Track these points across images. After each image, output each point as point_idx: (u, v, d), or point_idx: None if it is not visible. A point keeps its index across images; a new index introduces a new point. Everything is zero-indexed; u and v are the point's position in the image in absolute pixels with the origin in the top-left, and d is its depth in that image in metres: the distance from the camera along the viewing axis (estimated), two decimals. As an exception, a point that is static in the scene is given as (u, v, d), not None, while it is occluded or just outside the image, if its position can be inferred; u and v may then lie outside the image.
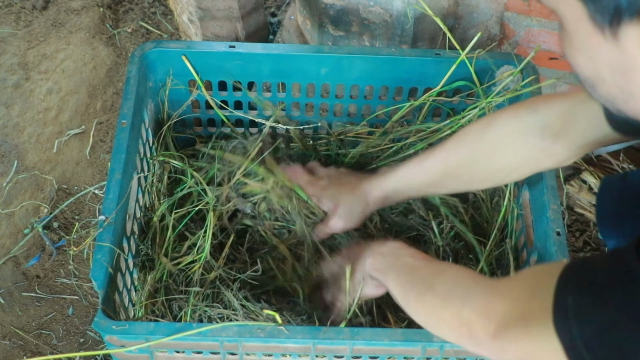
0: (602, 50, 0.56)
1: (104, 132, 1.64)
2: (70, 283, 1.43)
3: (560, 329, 0.64)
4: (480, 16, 1.44)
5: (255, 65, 1.22)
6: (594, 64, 0.59)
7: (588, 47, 0.57)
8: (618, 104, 0.61)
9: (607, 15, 0.53)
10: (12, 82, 1.69)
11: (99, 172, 1.58)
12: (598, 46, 0.56)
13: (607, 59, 0.56)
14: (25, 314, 1.39)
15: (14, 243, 1.46)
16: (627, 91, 0.58)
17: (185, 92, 1.26)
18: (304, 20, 1.55)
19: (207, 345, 0.93)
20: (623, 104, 0.60)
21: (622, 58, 0.55)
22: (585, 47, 0.57)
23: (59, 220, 1.50)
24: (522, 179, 1.06)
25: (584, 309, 0.62)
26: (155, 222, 1.16)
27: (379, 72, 1.23)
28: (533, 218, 1.08)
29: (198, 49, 1.21)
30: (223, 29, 1.63)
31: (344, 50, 1.22)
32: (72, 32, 1.79)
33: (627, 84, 0.57)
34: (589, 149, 0.95)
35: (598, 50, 0.56)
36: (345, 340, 0.91)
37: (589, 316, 0.61)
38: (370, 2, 1.37)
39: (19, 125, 1.62)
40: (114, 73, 1.75)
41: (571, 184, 1.50)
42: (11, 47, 1.76)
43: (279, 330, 0.90)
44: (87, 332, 1.38)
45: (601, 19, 0.53)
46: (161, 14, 1.86)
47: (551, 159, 0.97)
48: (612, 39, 0.54)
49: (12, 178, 1.54)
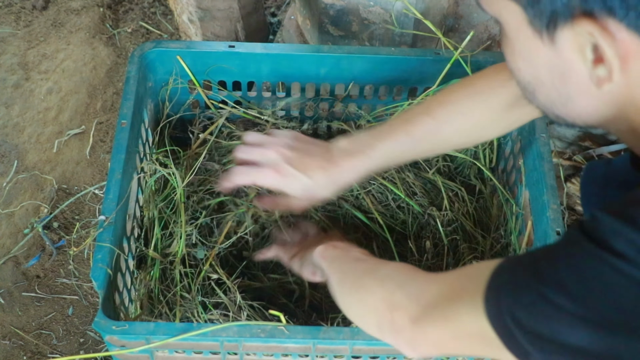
0: (540, 54, 0.58)
1: (104, 132, 1.64)
2: (70, 283, 1.43)
3: (489, 303, 0.62)
4: (480, 16, 1.44)
5: (255, 65, 1.22)
6: (533, 68, 0.61)
7: (528, 52, 0.59)
8: (557, 108, 0.63)
9: (544, 20, 0.55)
10: (12, 82, 1.70)
11: (99, 172, 1.58)
12: (537, 50, 0.58)
13: (546, 63, 0.59)
14: (25, 314, 1.39)
15: (14, 243, 1.46)
16: (564, 94, 0.61)
17: (185, 92, 1.26)
18: (304, 20, 1.55)
19: (207, 345, 0.93)
20: (562, 108, 0.62)
21: (559, 61, 0.57)
22: (525, 52, 0.60)
23: (59, 220, 1.50)
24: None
25: (516, 283, 0.61)
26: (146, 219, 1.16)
27: (378, 72, 1.23)
28: (533, 218, 1.08)
29: (197, 49, 1.21)
30: (223, 29, 1.63)
31: (343, 50, 1.22)
32: (72, 32, 1.79)
33: (565, 86, 0.59)
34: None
35: (537, 54, 0.58)
36: (346, 340, 0.91)
37: (519, 290, 0.60)
38: (370, 2, 1.37)
39: (19, 125, 1.63)
40: (114, 73, 1.75)
41: (572, 182, 1.50)
42: (11, 47, 1.76)
43: (279, 330, 0.90)
44: (87, 332, 1.38)
45: (539, 23, 0.56)
46: (161, 14, 1.86)
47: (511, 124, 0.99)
48: (549, 43, 0.56)
49: (12, 178, 1.54)
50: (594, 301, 0.55)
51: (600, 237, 0.55)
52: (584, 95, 0.59)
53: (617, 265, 0.54)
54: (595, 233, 0.56)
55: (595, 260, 0.55)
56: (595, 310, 0.55)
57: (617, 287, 0.54)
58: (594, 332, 0.55)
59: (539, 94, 0.63)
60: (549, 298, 0.57)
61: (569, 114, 0.62)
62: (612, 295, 0.54)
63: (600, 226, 0.56)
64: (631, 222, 0.54)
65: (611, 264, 0.54)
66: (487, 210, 1.24)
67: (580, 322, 0.55)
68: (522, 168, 1.15)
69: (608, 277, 0.54)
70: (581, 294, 0.55)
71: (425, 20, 1.26)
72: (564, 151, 1.57)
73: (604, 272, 0.55)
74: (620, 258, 0.54)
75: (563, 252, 0.59)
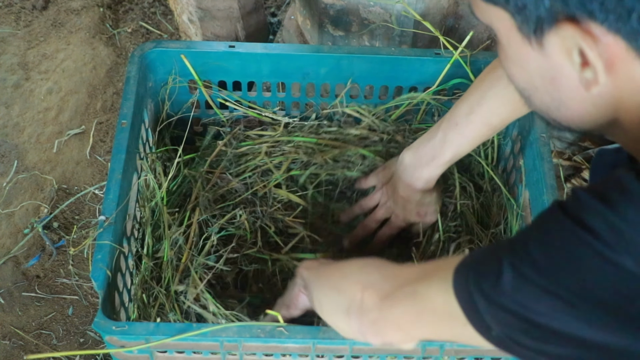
0: (531, 59, 0.59)
1: (104, 132, 1.64)
2: (70, 283, 1.43)
3: (457, 276, 0.63)
4: (480, 16, 1.44)
5: (255, 65, 1.22)
6: (526, 74, 0.62)
7: (519, 58, 0.60)
8: (552, 112, 0.63)
9: (531, 25, 0.56)
10: (12, 82, 1.69)
11: (99, 172, 1.58)
12: (528, 56, 0.58)
13: (537, 68, 0.59)
14: (25, 314, 1.39)
15: (14, 243, 1.46)
16: (557, 98, 0.61)
17: (186, 91, 1.26)
18: (304, 20, 1.55)
19: (207, 346, 0.93)
20: (556, 112, 0.63)
21: (549, 65, 0.58)
22: (517, 58, 0.61)
23: (59, 220, 1.50)
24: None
25: (487, 257, 0.62)
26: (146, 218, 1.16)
27: (378, 72, 1.23)
28: (533, 217, 1.08)
29: (198, 49, 1.21)
30: (223, 29, 1.63)
31: (343, 50, 1.22)
32: (72, 32, 1.79)
33: (556, 91, 0.60)
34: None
35: (528, 59, 0.59)
36: (345, 340, 0.91)
37: (489, 262, 0.60)
38: (370, 2, 1.37)
39: (19, 125, 1.63)
40: (114, 73, 1.75)
41: (572, 183, 1.50)
42: (11, 47, 1.76)
43: (279, 330, 0.90)
44: (87, 332, 1.38)
45: (527, 29, 0.56)
46: (161, 14, 1.86)
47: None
48: (538, 48, 0.57)
49: (12, 178, 1.54)
50: (561, 274, 0.55)
51: (576, 214, 0.56)
52: (575, 99, 0.60)
53: (588, 241, 0.54)
54: (572, 209, 0.56)
55: (567, 235, 0.56)
56: (561, 283, 0.55)
57: (586, 263, 0.54)
58: (558, 305, 0.55)
59: (534, 99, 0.64)
60: (516, 268, 0.57)
61: (563, 118, 0.63)
62: (580, 270, 0.55)
63: (578, 203, 0.56)
64: (607, 201, 0.55)
65: (583, 239, 0.55)
66: (489, 208, 1.24)
67: (545, 294, 0.55)
68: (522, 168, 1.15)
69: (578, 252, 0.55)
70: (549, 266, 0.56)
71: (425, 21, 1.26)
72: (564, 151, 1.57)
73: (575, 247, 0.55)
74: (592, 234, 0.54)
75: (538, 227, 0.59)
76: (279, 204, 1.23)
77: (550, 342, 0.57)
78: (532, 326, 0.57)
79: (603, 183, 0.57)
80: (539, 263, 0.56)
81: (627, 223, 0.53)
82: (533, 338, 0.58)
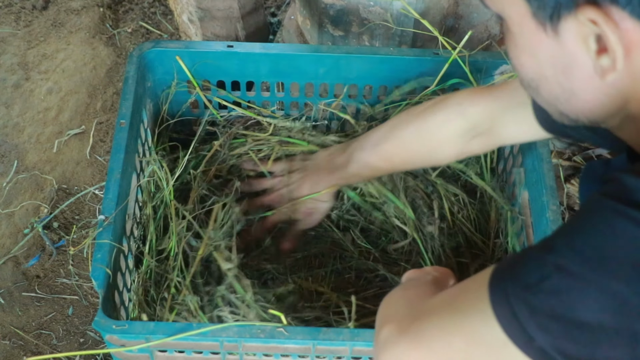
0: (544, 47, 0.58)
1: (104, 132, 1.64)
2: (70, 283, 1.43)
3: (494, 290, 0.57)
4: (480, 16, 1.44)
5: (254, 65, 1.22)
6: (537, 63, 0.61)
7: (531, 46, 0.59)
8: (561, 104, 0.62)
9: (548, 11, 0.55)
10: (12, 82, 1.70)
11: (99, 172, 1.58)
12: (541, 43, 0.58)
13: (550, 56, 0.58)
14: (25, 314, 1.39)
15: (14, 243, 1.46)
16: (568, 88, 0.60)
17: (184, 92, 1.26)
18: (304, 20, 1.55)
19: (207, 345, 0.93)
20: (565, 104, 0.62)
21: (563, 54, 0.57)
22: (529, 46, 0.60)
23: (59, 220, 1.50)
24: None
25: (524, 263, 0.57)
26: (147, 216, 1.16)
27: (377, 72, 1.23)
28: (532, 218, 1.08)
29: (196, 49, 1.21)
30: (223, 29, 1.63)
31: (342, 49, 1.22)
32: (72, 32, 1.79)
33: (568, 80, 0.59)
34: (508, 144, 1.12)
35: (541, 47, 0.58)
36: (346, 341, 0.91)
37: (527, 267, 0.56)
38: (370, 2, 1.37)
39: (19, 125, 1.63)
40: (114, 73, 1.75)
41: (572, 183, 1.50)
42: (11, 47, 1.76)
43: (279, 330, 0.90)
44: (87, 332, 1.38)
45: (543, 15, 0.56)
46: (161, 14, 1.86)
47: (466, 152, 1.06)
48: (553, 35, 0.56)
49: (12, 178, 1.54)
50: (614, 262, 0.51)
51: (620, 194, 0.53)
52: (588, 88, 0.59)
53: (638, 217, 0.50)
54: (614, 192, 0.53)
55: (615, 216, 0.52)
56: (614, 273, 0.51)
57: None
58: (611, 298, 0.51)
59: (542, 90, 0.63)
60: (562, 267, 0.53)
61: (572, 109, 0.62)
62: (635, 252, 0.51)
63: (620, 184, 0.53)
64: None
65: (634, 217, 0.51)
66: (487, 213, 1.24)
67: (598, 290, 0.51)
68: (522, 168, 1.15)
69: (632, 232, 0.51)
70: (599, 255, 0.52)
71: (424, 20, 1.26)
72: (564, 151, 1.57)
73: (627, 227, 0.51)
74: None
75: (578, 219, 0.55)
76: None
77: (602, 344, 0.52)
78: (582, 330, 0.52)
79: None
80: (587, 255, 0.52)
81: None
82: (583, 344, 0.53)
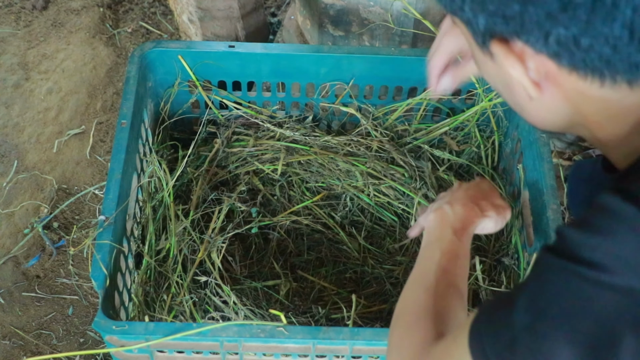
0: (489, 67, 0.59)
1: (104, 132, 1.64)
2: (70, 283, 1.43)
3: (473, 346, 0.60)
4: (480, 16, 1.44)
5: (255, 65, 1.22)
6: (490, 79, 0.63)
7: (481, 65, 0.61)
8: (520, 114, 0.64)
9: (478, 38, 0.57)
10: (12, 82, 1.69)
11: (99, 172, 1.58)
12: (486, 64, 0.59)
13: (494, 75, 0.60)
14: (25, 314, 1.39)
15: (14, 243, 1.46)
16: (516, 103, 0.62)
17: (185, 91, 1.26)
18: (304, 20, 1.55)
19: (207, 345, 0.93)
20: (523, 114, 0.63)
21: (501, 73, 0.58)
22: (481, 65, 0.62)
23: (59, 220, 1.50)
24: None
25: (495, 322, 0.59)
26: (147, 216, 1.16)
27: (378, 72, 1.23)
28: (533, 218, 1.08)
29: (197, 49, 1.21)
30: (223, 29, 1.63)
31: (343, 50, 1.22)
32: (72, 32, 1.79)
33: (513, 97, 0.61)
34: None
35: (487, 67, 0.60)
36: (345, 340, 0.91)
37: (498, 328, 0.58)
38: (370, 2, 1.37)
39: (19, 125, 1.63)
40: (114, 73, 1.75)
41: (571, 183, 1.50)
42: (11, 47, 1.76)
43: (279, 330, 0.90)
44: (87, 332, 1.38)
45: (479, 40, 0.57)
46: (161, 14, 1.86)
47: None
48: (490, 57, 0.58)
49: (12, 178, 1.54)
50: (575, 318, 0.53)
51: (567, 251, 0.54)
52: (529, 105, 0.60)
53: (588, 275, 0.52)
54: (562, 249, 0.55)
55: (566, 275, 0.53)
56: (576, 327, 0.53)
57: (593, 298, 0.52)
58: (580, 353, 0.53)
59: (506, 101, 0.65)
60: (529, 327, 0.55)
61: (530, 120, 0.63)
62: (590, 308, 0.52)
63: (566, 241, 0.54)
64: (595, 231, 0.53)
65: (582, 274, 0.52)
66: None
67: (566, 345, 0.53)
68: (522, 168, 1.15)
69: (583, 290, 0.52)
70: (561, 313, 0.54)
71: (425, 20, 1.26)
72: (564, 151, 1.57)
73: (578, 285, 0.53)
74: (591, 267, 0.52)
75: (534, 277, 0.57)
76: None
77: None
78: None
79: (588, 214, 0.55)
80: (551, 314, 0.54)
81: (625, 246, 0.51)
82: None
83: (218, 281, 1.09)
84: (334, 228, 1.24)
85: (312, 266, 1.22)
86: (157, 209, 1.17)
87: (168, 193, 1.16)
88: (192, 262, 1.11)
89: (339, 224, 1.25)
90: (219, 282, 1.09)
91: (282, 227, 1.23)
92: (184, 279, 1.09)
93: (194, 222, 1.17)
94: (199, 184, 1.21)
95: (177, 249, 1.12)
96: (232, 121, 1.29)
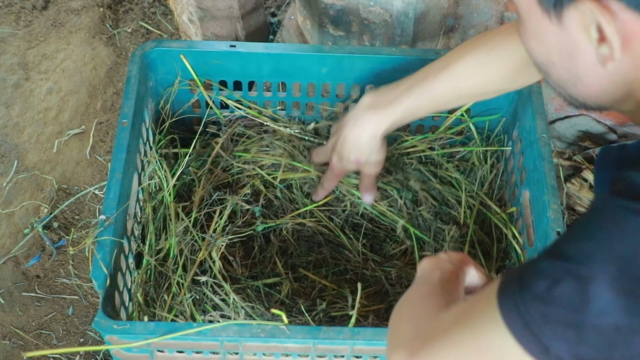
0: (550, 34, 0.59)
1: (104, 132, 1.64)
2: (70, 283, 1.43)
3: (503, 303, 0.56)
4: (480, 16, 1.44)
5: (256, 65, 1.22)
6: (545, 48, 0.61)
7: (539, 32, 0.60)
8: (569, 88, 0.63)
9: (551, 0, 0.56)
10: (12, 82, 1.69)
11: (99, 172, 1.58)
12: (547, 30, 0.59)
13: (555, 42, 0.59)
14: (25, 314, 1.39)
15: (14, 243, 1.46)
16: (574, 74, 0.61)
17: (186, 91, 1.26)
18: (304, 20, 1.55)
19: (207, 345, 0.93)
20: (573, 88, 0.63)
21: (567, 41, 0.58)
22: (536, 32, 0.61)
23: (59, 220, 1.50)
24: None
25: (533, 270, 0.56)
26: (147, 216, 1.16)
27: (379, 72, 1.23)
28: (533, 218, 1.08)
29: (199, 49, 1.21)
30: (223, 28, 1.64)
31: (344, 49, 1.22)
32: (72, 32, 1.79)
33: (573, 66, 0.60)
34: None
35: (547, 34, 0.59)
36: (346, 340, 0.91)
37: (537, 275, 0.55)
38: (370, 2, 1.37)
39: (19, 125, 1.62)
40: (114, 73, 1.75)
41: (572, 183, 1.50)
42: (11, 47, 1.76)
43: (279, 330, 0.90)
44: (87, 332, 1.38)
45: (547, 3, 0.56)
46: (161, 14, 1.86)
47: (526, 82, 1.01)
48: (557, 23, 0.57)
49: (12, 178, 1.54)
50: (625, 261, 0.50)
51: (629, 191, 0.52)
52: (592, 75, 0.59)
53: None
54: (623, 190, 0.53)
55: (627, 214, 0.51)
56: (627, 273, 0.50)
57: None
58: (623, 301, 0.50)
59: (551, 74, 0.64)
60: (572, 271, 0.52)
61: (579, 94, 0.63)
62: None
63: (628, 182, 0.53)
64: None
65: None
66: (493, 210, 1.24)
67: (608, 292, 0.50)
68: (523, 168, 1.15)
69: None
70: (610, 256, 0.51)
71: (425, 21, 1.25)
72: (564, 151, 1.57)
73: (638, 224, 0.50)
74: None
75: (586, 222, 0.55)
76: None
77: (618, 345, 0.52)
78: (597, 333, 0.52)
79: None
80: (598, 258, 0.51)
81: None
82: (599, 347, 0.52)
83: (218, 280, 1.09)
84: (335, 231, 1.24)
85: (312, 266, 1.22)
86: (157, 208, 1.17)
87: (168, 192, 1.16)
88: (193, 262, 1.11)
89: (339, 227, 1.25)
90: (220, 281, 1.09)
91: (286, 229, 1.23)
92: (184, 279, 1.09)
93: (196, 222, 1.17)
94: (201, 184, 1.21)
95: (177, 249, 1.11)
96: (233, 121, 1.29)
